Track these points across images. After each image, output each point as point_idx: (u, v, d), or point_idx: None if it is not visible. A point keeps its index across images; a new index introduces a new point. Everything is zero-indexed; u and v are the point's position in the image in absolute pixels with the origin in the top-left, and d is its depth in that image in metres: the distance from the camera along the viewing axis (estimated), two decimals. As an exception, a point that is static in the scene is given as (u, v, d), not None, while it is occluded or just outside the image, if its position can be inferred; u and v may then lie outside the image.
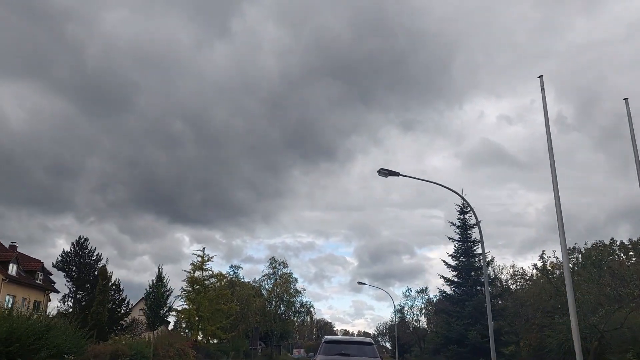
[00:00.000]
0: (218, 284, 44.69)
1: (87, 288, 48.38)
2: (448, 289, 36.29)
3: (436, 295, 57.06)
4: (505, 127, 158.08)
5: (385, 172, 19.43)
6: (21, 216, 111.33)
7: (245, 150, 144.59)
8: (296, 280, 63.44)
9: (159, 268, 34.32)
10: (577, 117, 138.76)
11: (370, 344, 13.47)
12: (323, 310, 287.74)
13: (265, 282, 63.14)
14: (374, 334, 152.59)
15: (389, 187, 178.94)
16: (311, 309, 62.07)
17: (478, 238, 31.74)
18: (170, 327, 58.78)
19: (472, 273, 33.99)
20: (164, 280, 33.65)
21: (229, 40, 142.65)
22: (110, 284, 42.66)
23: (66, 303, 48.51)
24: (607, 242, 32.91)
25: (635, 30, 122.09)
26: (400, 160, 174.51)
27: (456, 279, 35.06)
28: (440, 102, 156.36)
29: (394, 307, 49.29)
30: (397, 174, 19.69)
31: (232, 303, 47.24)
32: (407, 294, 51.59)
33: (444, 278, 35.32)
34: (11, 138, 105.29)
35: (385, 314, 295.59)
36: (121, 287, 45.83)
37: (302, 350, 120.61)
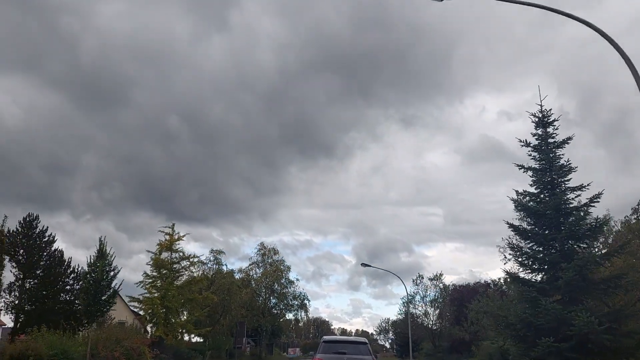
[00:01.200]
0: (191, 268, 36.67)
1: (37, 275, 40.33)
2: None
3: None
4: (505, 123, 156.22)
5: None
6: (16, 214, 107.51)
7: (242, 147, 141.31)
8: (289, 268, 55.53)
9: (100, 240, 26.11)
10: (579, 112, 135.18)
11: (364, 343, 14.78)
12: (321, 309, 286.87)
13: (254, 271, 55.20)
14: (372, 333, 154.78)
15: (387, 184, 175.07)
16: (306, 302, 54.23)
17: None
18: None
19: (563, 219, 19.27)
20: (109, 257, 25.52)
21: (226, 34, 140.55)
22: (69, 270, 35.10)
23: (12, 293, 40.48)
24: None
25: (638, 24, 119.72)
26: (400, 156, 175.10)
27: (536, 230, 20.00)
28: (440, 97, 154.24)
29: (406, 293, 41.33)
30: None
31: (208, 292, 39.25)
32: (419, 281, 43.64)
33: (514, 228, 20.02)
34: (5, 134, 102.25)
35: (383, 312, 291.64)
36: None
37: (298, 349, 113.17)
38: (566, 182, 19.25)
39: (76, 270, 38.21)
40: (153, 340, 33.72)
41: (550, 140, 20.84)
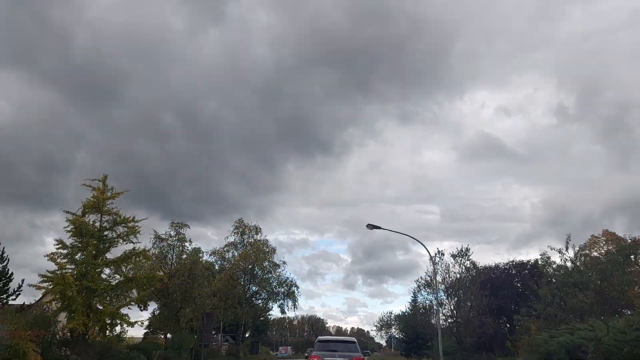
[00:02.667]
0: (132, 237, 26.26)
1: None
2: None
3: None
4: (504, 119, 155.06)
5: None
6: (7, 213, 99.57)
7: (238, 143, 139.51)
8: (273, 250, 45.23)
9: None
10: (578, 107, 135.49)
11: (353, 342, 16.98)
12: (316, 308, 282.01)
13: (230, 253, 44.93)
14: (368, 331, 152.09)
15: (384, 181, 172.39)
16: (294, 289, 43.96)
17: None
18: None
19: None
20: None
21: (221, 27, 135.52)
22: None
23: None
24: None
25: (637, 17, 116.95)
26: (397, 153, 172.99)
27: None
28: (439, 92, 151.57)
29: (431, 258, 31.24)
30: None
31: (155, 271, 29.11)
32: (438, 258, 33.51)
33: None
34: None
35: (379, 310, 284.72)
36: None
37: (290, 348, 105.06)
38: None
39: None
40: (65, 337, 23.52)
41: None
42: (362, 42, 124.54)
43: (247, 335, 67.01)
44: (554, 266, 34.38)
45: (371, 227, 24.53)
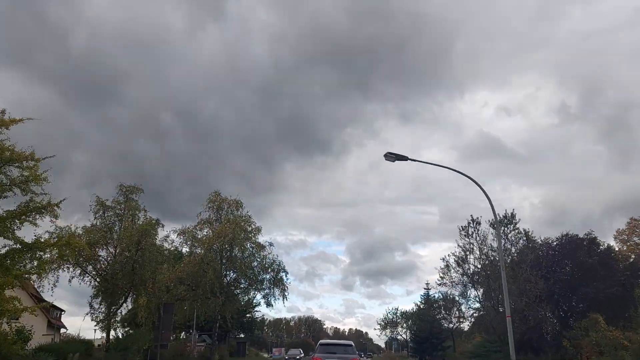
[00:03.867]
0: (32, 183, 17.38)
1: None
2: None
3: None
4: (504, 119, 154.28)
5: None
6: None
7: (237, 143, 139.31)
8: (259, 230, 36.21)
9: None
10: (580, 106, 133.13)
11: (350, 345, 19.12)
12: (314, 309, 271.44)
13: (205, 232, 35.91)
14: (366, 332, 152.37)
15: (383, 181, 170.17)
16: (282, 275, 34.90)
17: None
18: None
19: None
20: None
21: (221, 25, 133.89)
22: None
23: None
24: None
25: (638, 18, 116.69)
26: (397, 152, 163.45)
27: None
28: (439, 92, 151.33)
29: (493, 211, 22.62)
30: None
31: (74, 237, 20.28)
32: (472, 227, 24.79)
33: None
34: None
35: (376, 312, 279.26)
36: None
37: (283, 349, 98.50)
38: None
39: None
40: None
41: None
42: (363, 41, 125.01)
43: (230, 334, 58.08)
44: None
45: (392, 157, 16.29)
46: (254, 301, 38.44)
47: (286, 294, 35.11)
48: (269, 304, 35.45)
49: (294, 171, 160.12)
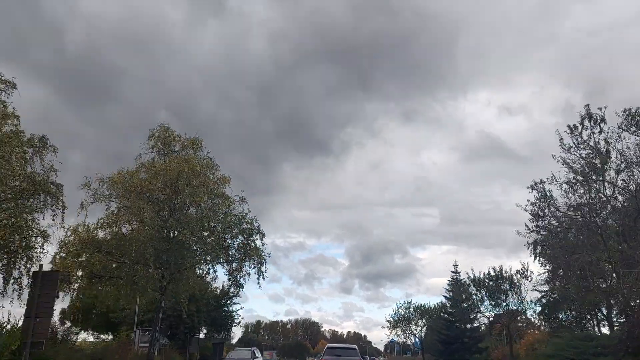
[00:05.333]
0: None
1: None
2: None
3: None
4: (507, 118, 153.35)
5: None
6: None
7: (234, 143, 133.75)
8: (226, 180, 24.38)
9: None
10: (586, 104, 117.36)
11: (354, 348, 22.10)
12: (312, 312, 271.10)
13: (141, 175, 23.91)
14: (365, 335, 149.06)
15: (383, 183, 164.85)
16: (255, 240, 22.87)
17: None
18: None
19: None
20: None
21: (219, 21, 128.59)
22: None
23: None
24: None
25: None
26: (397, 153, 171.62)
27: None
28: (442, 90, 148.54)
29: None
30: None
31: None
32: (588, 124, 13.71)
33: None
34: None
35: (375, 315, 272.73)
36: None
37: (275, 352, 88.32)
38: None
39: None
40: None
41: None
42: (364, 38, 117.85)
43: (200, 332, 46.21)
44: None
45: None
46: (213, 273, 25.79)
47: (264, 268, 23.30)
48: (236, 283, 23.61)
49: (293, 172, 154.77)
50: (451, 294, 38.69)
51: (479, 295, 31.77)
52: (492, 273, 31.02)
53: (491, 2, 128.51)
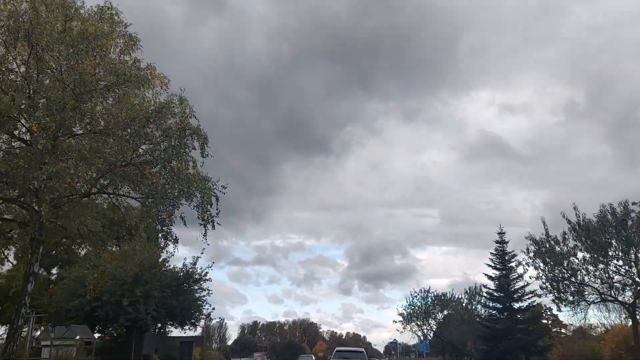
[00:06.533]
0: None
1: None
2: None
3: None
4: (509, 118, 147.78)
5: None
6: None
7: (234, 143, 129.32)
8: (133, 40, 14.24)
9: None
10: (588, 103, 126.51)
11: (361, 351, 23.68)
12: (311, 314, 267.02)
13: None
14: (364, 336, 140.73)
15: (383, 183, 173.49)
16: (188, 144, 12.76)
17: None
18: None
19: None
20: None
21: (220, 18, 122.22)
22: None
23: None
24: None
25: None
26: (398, 153, 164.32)
27: None
28: (444, 89, 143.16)
29: None
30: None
31: None
32: None
33: None
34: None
35: (374, 316, 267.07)
36: None
37: (265, 354, 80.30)
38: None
39: None
40: None
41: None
42: (364, 36, 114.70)
43: (164, 327, 36.11)
44: None
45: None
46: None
47: (214, 201, 13.20)
48: (166, 235, 13.53)
49: (293, 172, 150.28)
50: (497, 273, 28.50)
51: (574, 252, 21.49)
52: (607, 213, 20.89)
53: (492, 1, 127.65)
